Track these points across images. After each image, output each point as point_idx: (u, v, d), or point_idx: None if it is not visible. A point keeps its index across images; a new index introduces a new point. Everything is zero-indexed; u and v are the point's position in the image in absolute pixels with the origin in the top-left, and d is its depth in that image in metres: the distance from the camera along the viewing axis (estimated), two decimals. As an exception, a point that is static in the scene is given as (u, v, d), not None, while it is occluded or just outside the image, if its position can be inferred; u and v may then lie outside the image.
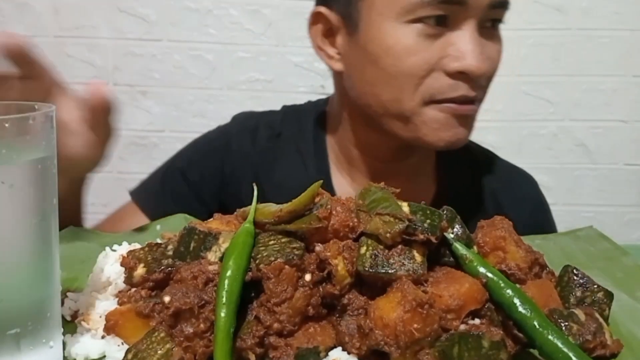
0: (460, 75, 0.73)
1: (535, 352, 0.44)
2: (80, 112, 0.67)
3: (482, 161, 0.97)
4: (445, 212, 0.48)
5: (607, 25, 1.73)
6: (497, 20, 0.77)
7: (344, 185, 0.90)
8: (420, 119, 0.75)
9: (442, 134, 0.76)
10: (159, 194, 0.94)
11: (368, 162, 0.89)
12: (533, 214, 0.95)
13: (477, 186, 0.93)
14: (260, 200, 0.51)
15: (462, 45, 0.73)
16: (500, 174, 0.96)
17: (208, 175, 0.93)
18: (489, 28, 0.77)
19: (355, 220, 0.47)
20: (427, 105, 0.75)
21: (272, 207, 0.48)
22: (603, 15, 1.73)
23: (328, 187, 0.89)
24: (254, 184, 0.52)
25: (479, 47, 0.73)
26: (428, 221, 0.45)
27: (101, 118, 0.68)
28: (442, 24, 0.73)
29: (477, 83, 0.74)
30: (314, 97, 1.02)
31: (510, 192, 0.94)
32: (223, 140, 0.94)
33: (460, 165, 0.93)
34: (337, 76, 0.86)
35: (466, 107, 0.75)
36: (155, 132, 1.76)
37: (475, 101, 0.76)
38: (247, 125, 0.95)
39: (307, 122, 0.93)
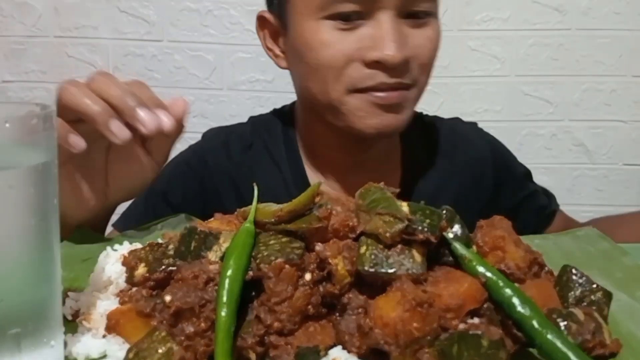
0: (377, 64, 0.77)
1: (535, 351, 0.44)
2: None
3: (437, 133, 1.00)
4: (445, 212, 0.49)
5: (607, 25, 1.73)
6: (421, 12, 0.80)
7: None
8: (346, 107, 0.80)
9: (368, 122, 0.80)
10: (142, 220, 0.94)
11: (334, 157, 0.91)
12: (492, 157, 0.99)
13: (434, 159, 0.96)
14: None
15: (376, 35, 0.77)
16: (453, 137, 0.99)
17: (190, 196, 0.94)
18: (415, 18, 0.79)
19: (355, 220, 0.47)
20: (351, 94, 0.79)
21: (272, 207, 0.49)
22: (603, 15, 1.73)
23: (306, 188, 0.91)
24: (254, 184, 0.52)
25: (393, 36, 0.75)
26: (428, 221, 0.45)
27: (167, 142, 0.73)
28: (358, 17, 0.77)
29: (398, 71, 0.77)
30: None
31: (464, 151, 0.98)
32: (198, 158, 0.96)
33: (420, 145, 0.96)
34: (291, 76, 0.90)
35: (389, 95, 0.78)
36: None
37: (403, 88, 0.79)
38: (219, 140, 0.97)
39: (276, 129, 0.96)
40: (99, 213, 0.74)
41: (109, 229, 0.84)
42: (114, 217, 0.92)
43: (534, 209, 1.00)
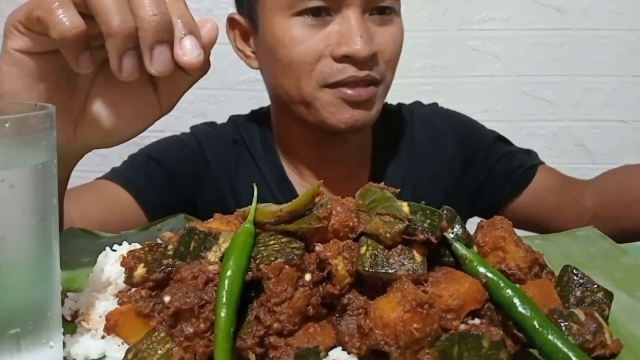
0: (346, 59, 0.80)
1: (535, 352, 0.44)
2: None
3: (399, 120, 1.01)
4: (445, 212, 0.49)
5: (607, 25, 1.73)
6: (386, 8, 0.83)
7: (297, 181, 0.95)
8: (319, 102, 0.82)
9: (339, 117, 0.82)
10: (131, 167, 0.94)
11: (308, 153, 0.94)
12: (452, 129, 1.01)
13: (397, 145, 0.98)
14: (233, 204, 0.51)
15: (344, 31, 0.80)
16: (412, 120, 1.01)
17: (182, 172, 0.94)
18: (381, 15, 0.83)
19: (355, 220, 0.47)
20: (322, 89, 0.81)
21: (272, 207, 0.49)
22: (603, 15, 1.73)
23: (286, 188, 0.93)
24: (254, 184, 0.52)
25: (360, 31, 0.79)
26: (428, 221, 0.45)
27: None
28: (326, 14, 0.80)
29: (366, 65, 0.80)
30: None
31: (422, 130, 1.00)
32: (195, 142, 0.96)
33: (386, 134, 0.98)
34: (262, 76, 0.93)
35: (359, 92, 0.81)
36: (156, 132, 1.75)
37: (373, 83, 0.82)
38: (209, 132, 0.99)
39: (252, 128, 0.98)
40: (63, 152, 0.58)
41: (83, 179, 0.81)
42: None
43: (508, 170, 0.99)
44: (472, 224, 1.05)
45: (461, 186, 0.99)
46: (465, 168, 0.99)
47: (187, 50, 0.48)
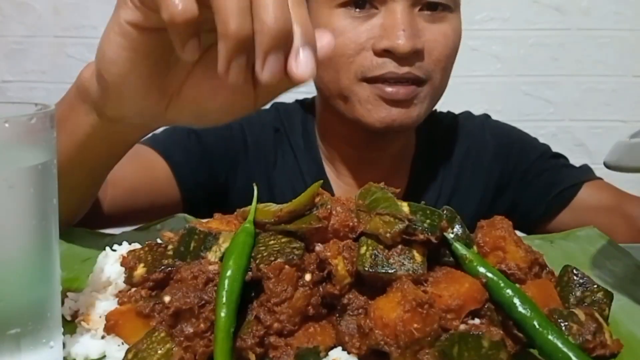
0: (386, 54, 0.77)
1: (535, 352, 0.44)
2: None
3: (444, 130, 0.98)
4: (445, 212, 0.49)
5: (607, 25, 1.73)
6: (438, 4, 0.80)
7: (334, 180, 0.93)
8: (356, 97, 0.80)
9: (375, 115, 0.80)
10: (171, 138, 0.90)
11: (346, 152, 0.92)
12: (494, 142, 0.97)
13: (437, 157, 0.95)
14: (266, 194, 0.51)
15: (387, 24, 0.77)
16: (456, 131, 0.98)
17: (227, 155, 0.91)
18: (432, 11, 0.80)
19: (355, 220, 0.47)
20: (360, 83, 0.79)
21: (272, 207, 0.49)
22: (603, 15, 1.73)
23: (325, 183, 0.91)
24: (254, 184, 0.52)
25: (403, 25, 0.76)
26: (428, 221, 0.45)
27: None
28: (371, 6, 0.78)
29: (408, 61, 0.77)
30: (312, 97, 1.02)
31: (464, 143, 0.97)
32: (238, 124, 0.94)
33: (429, 144, 0.95)
34: None
35: (397, 90, 0.78)
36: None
37: (414, 81, 0.79)
38: (252, 117, 0.95)
39: (296, 118, 0.96)
40: (147, 124, 0.59)
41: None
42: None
43: (546, 186, 0.93)
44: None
45: (496, 200, 0.96)
46: (503, 182, 0.96)
47: (302, 64, 0.44)
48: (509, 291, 0.44)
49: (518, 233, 0.51)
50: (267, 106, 1.00)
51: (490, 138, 0.98)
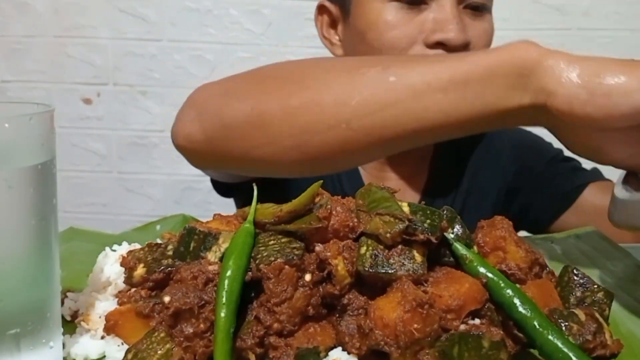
0: (439, 46, 0.79)
1: (536, 352, 0.44)
2: None
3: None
4: (445, 212, 0.49)
5: (607, 25, 1.73)
6: (480, 5, 0.83)
7: (364, 175, 0.93)
8: None
9: None
10: None
11: None
12: (510, 145, 0.98)
13: (458, 160, 0.97)
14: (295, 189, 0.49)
15: (439, 18, 0.79)
16: (476, 135, 0.97)
17: None
18: (474, 10, 0.83)
19: (355, 220, 0.47)
20: None
21: (272, 207, 0.48)
22: (603, 15, 1.73)
23: (355, 180, 0.92)
24: (254, 184, 0.52)
25: (456, 19, 0.78)
26: (428, 221, 0.45)
27: None
28: (421, 1, 0.81)
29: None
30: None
31: (486, 149, 0.98)
32: None
33: (451, 148, 0.96)
34: None
35: None
36: (155, 132, 1.76)
37: None
38: None
39: None
40: None
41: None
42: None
43: (555, 189, 0.95)
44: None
45: (509, 203, 0.97)
46: (516, 184, 0.97)
47: None
48: (509, 291, 0.44)
49: (523, 233, 0.51)
50: None
51: (507, 140, 0.99)
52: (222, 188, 0.94)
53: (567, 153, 1.00)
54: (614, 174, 0.60)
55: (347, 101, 0.55)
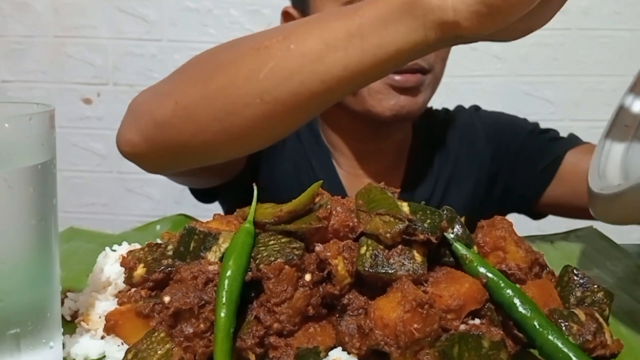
0: None
1: (536, 352, 0.44)
2: None
3: (439, 124, 1.01)
4: (445, 212, 0.49)
5: (607, 25, 1.73)
6: None
7: (339, 169, 0.95)
8: (366, 90, 0.82)
9: (385, 104, 0.83)
10: None
11: (350, 144, 0.94)
12: (483, 127, 0.99)
13: (433, 148, 0.98)
14: (269, 186, 0.50)
15: None
16: (448, 124, 1.01)
17: None
18: None
19: (355, 220, 0.47)
20: None
21: (272, 207, 0.48)
22: (603, 15, 1.73)
23: (332, 176, 0.93)
24: (254, 185, 0.52)
25: None
26: (428, 221, 0.45)
27: None
28: None
29: None
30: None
31: (461, 136, 0.99)
32: None
33: (425, 136, 0.98)
34: None
35: (406, 78, 0.81)
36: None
37: (421, 71, 0.82)
38: None
39: None
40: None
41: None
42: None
43: (534, 163, 0.95)
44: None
45: (492, 186, 0.98)
46: (496, 166, 0.98)
47: None
48: (509, 291, 0.44)
49: (519, 231, 0.51)
50: None
51: (481, 125, 1.01)
52: (200, 195, 0.95)
53: (543, 125, 1.02)
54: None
55: (256, 76, 0.57)
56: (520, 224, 0.57)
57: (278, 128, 0.61)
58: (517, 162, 0.97)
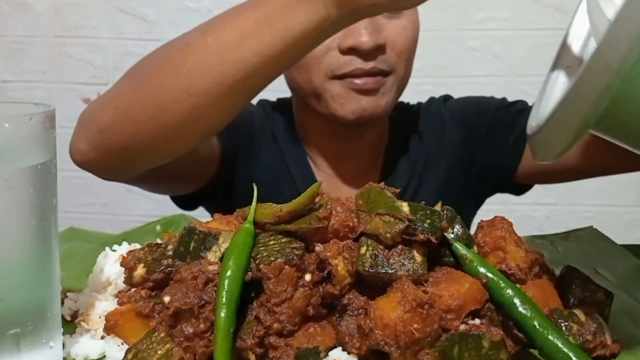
0: (351, 51, 0.81)
1: (536, 352, 0.44)
2: None
3: (412, 117, 1.01)
4: (445, 212, 0.49)
5: (607, 25, 1.73)
6: None
7: (316, 172, 0.95)
8: (328, 94, 0.84)
9: (347, 107, 0.84)
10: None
11: (324, 145, 0.95)
12: (450, 112, 1.00)
13: (407, 142, 0.99)
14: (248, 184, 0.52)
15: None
16: (418, 115, 1.01)
17: (246, 139, 0.94)
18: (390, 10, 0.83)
19: (355, 220, 0.47)
20: (331, 81, 0.83)
21: (271, 207, 0.48)
22: (603, 15, 1.73)
23: (308, 178, 0.94)
24: (254, 185, 0.52)
25: (364, 23, 0.79)
26: (428, 221, 0.45)
27: None
28: None
29: (372, 56, 0.81)
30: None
31: (432, 125, 1.00)
32: (261, 115, 0.98)
33: (400, 132, 0.99)
34: None
35: (365, 81, 0.82)
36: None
37: (380, 73, 0.83)
38: (251, 107, 1.00)
39: (279, 114, 0.99)
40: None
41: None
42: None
43: (505, 137, 0.95)
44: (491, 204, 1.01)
45: (468, 169, 0.99)
46: (470, 149, 0.98)
47: None
48: (509, 291, 0.44)
49: (519, 231, 0.51)
50: (254, 101, 1.01)
51: (448, 113, 1.01)
52: (180, 202, 0.95)
53: (510, 99, 1.02)
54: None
55: (180, 72, 0.60)
56: (521, 224, 0.57)
57: (208, 121, 0.64)
58: (489, 140, 0.98)
